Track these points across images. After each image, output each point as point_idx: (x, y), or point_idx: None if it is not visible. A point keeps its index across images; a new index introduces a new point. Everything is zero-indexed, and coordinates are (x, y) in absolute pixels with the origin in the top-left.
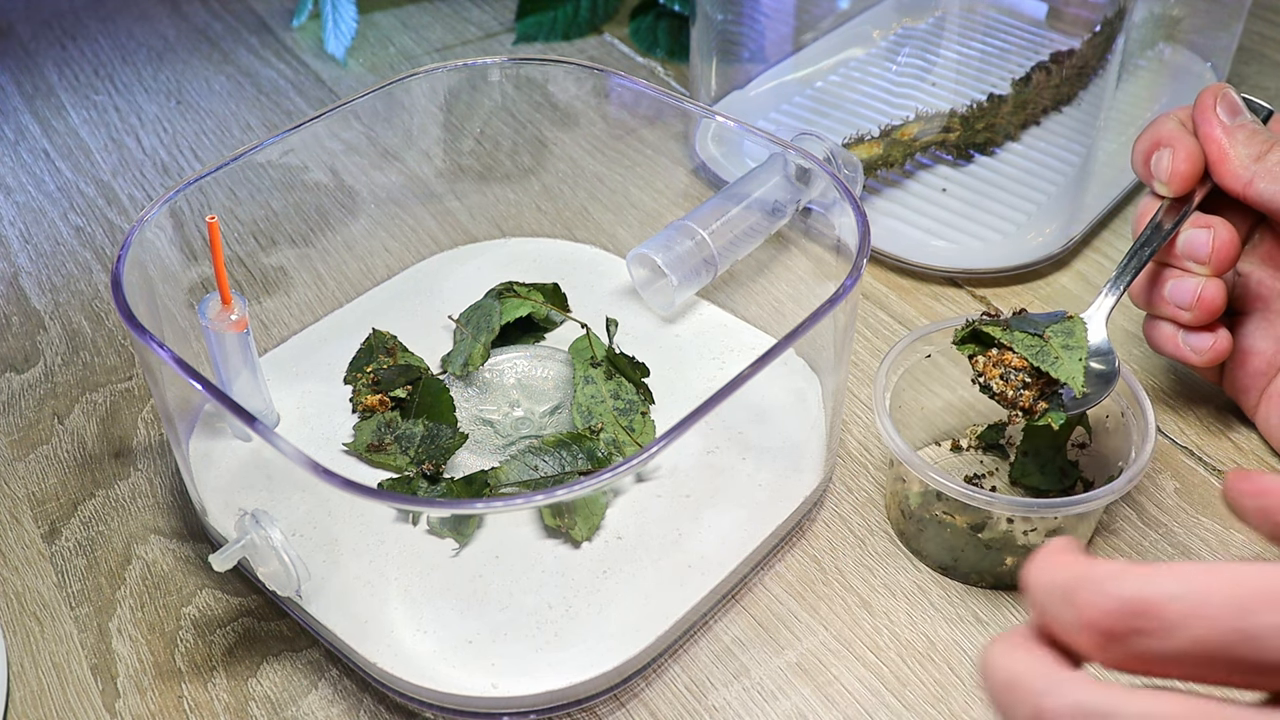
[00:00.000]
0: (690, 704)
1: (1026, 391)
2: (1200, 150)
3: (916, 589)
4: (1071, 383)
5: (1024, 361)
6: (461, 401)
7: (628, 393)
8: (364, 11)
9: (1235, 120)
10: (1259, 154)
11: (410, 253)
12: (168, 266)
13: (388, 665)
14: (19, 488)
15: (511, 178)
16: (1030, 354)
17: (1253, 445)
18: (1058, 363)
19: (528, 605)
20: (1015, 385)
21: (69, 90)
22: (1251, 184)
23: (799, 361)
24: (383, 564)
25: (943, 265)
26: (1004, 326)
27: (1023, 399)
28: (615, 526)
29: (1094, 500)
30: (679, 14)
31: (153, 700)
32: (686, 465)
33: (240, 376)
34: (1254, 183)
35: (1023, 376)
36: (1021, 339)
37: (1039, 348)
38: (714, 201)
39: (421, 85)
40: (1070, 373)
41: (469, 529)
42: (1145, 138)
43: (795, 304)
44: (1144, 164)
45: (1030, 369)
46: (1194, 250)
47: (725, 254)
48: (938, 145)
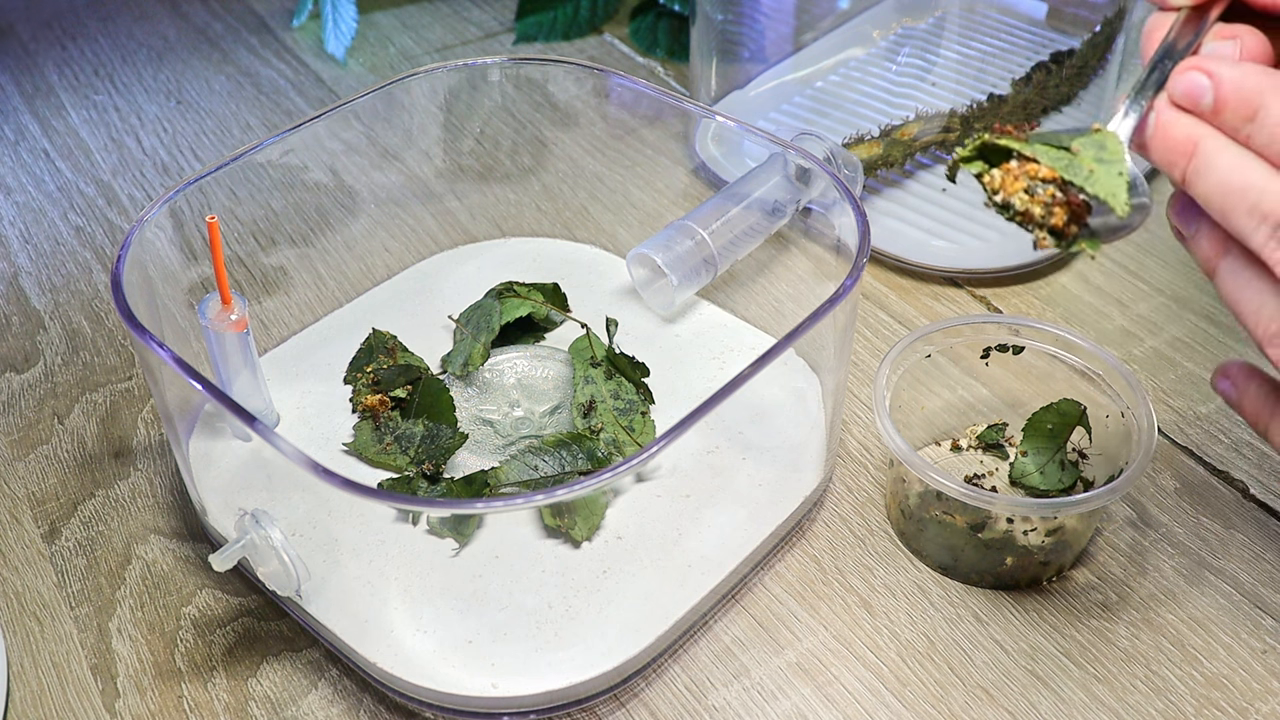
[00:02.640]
0: (690, 704)
1: (1059, 209)
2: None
3: (916, 589)
4: (1112, 200)
5: (1053, 173)
6: (461, 401)
7: (628, 393)
8: (364, 11)
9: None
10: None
11: (410, 253)
12: (168, 266)
13: (388, 665)
14: (19, 488)
15: (511, 178)
16: (1060, 166)
17: (1253, 445)
18: (1092, 176)
19: (528, 605)
20: (1044, 200)
21: (69, 90)
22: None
23: (799, 361)
24: (383, 564)
25: (943, 265)
26: (1022, 139)
27: (1055, 216)
28: (615, 526)
29: (1094, 500)
30: (679, 14)
31: (153, 700)
32: (686, 465)
33: (240, 376)
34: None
35: (1052, 190)
36: (1045, 151)
37: (1069, 160)
38: (714, 201)
39: (421, 85)
40: (1110, 188)
41: (469, 529)
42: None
43: (795, 304)
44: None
45: (1060, 183)
46: None
47: (725, 254)
48: (938, 145)
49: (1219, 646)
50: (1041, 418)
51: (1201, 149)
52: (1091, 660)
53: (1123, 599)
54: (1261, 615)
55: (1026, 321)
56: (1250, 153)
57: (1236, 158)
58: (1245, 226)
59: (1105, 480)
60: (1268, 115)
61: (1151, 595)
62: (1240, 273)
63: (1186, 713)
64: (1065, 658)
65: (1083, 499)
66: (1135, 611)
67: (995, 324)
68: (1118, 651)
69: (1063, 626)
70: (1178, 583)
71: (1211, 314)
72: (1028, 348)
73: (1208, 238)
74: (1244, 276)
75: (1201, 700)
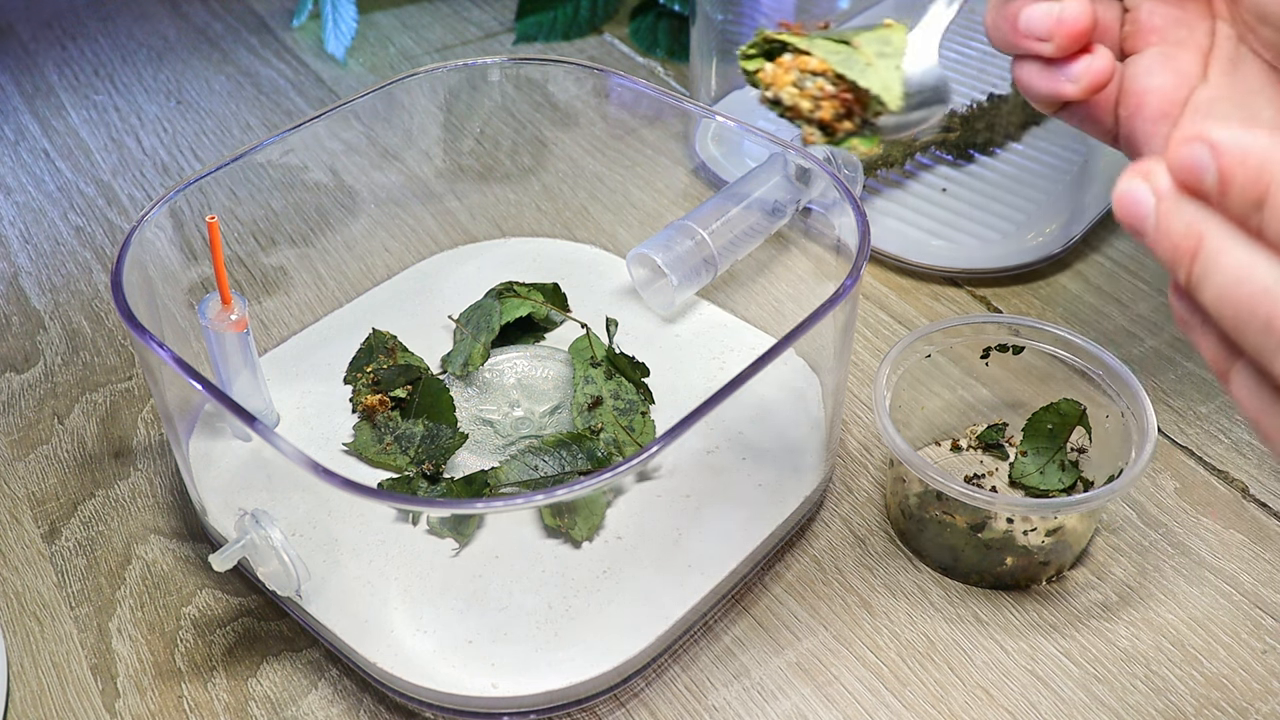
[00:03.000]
0: (690, 704)
1: (826, 102)
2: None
3: (916, 589)
4: (885, 93)
5: (825, 66)
6: (461, 401)
7: (628, 393)
8: (364, 11)
9: None
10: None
11: (410, 253)
12: (168, 266)
13: (388, 665)
14: (19, 488)
15: (511, 178)
16: (835, 59)
17: (1253, 445)
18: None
19: (528, 605)
20: (812, 94)
21: (69, 90)
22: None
23: (799, 361)
24: (383, 564)
25: (943, 265)
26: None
27: (823, 110)
28: (615, 526)
29: (1094, 500)
30: (679, 14)
31: (153, 700)
32: (686, 465)
33: (240, 376)
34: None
35: (821, 83)
36: (824, 45)
37: (846, 54)
38: (714, 201)
39: (421, 85)
40: (884, 82)
41: (469, 529)
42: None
43: (795, 304)
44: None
45: (833, 77)
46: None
47: (725, 254)
48: (938, 145)
49: (1219, 646)
50: (1041, 418)
51: (1205, 247)
52: (1091, 660)
53: (1123, 599)
54: (1261, 615)
55: (1026, 321)
56: (1263, 249)
57: (1246, 256)
58: (1262, 346)
59: (1105, 480)
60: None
61: (1151, 595)
62: (1258, 391)
63: (1186, 713)
64: (1065, 658)
65: (1083, 499)
66: (1135, 611)
67: (995, 324)
68: (1118, 651)
69: (1063, 626)
70: (1178, 583)
71: None
72: (1028, 348)
73: (1216, 342)
74: (1263, 397)
75: (1201, 700)
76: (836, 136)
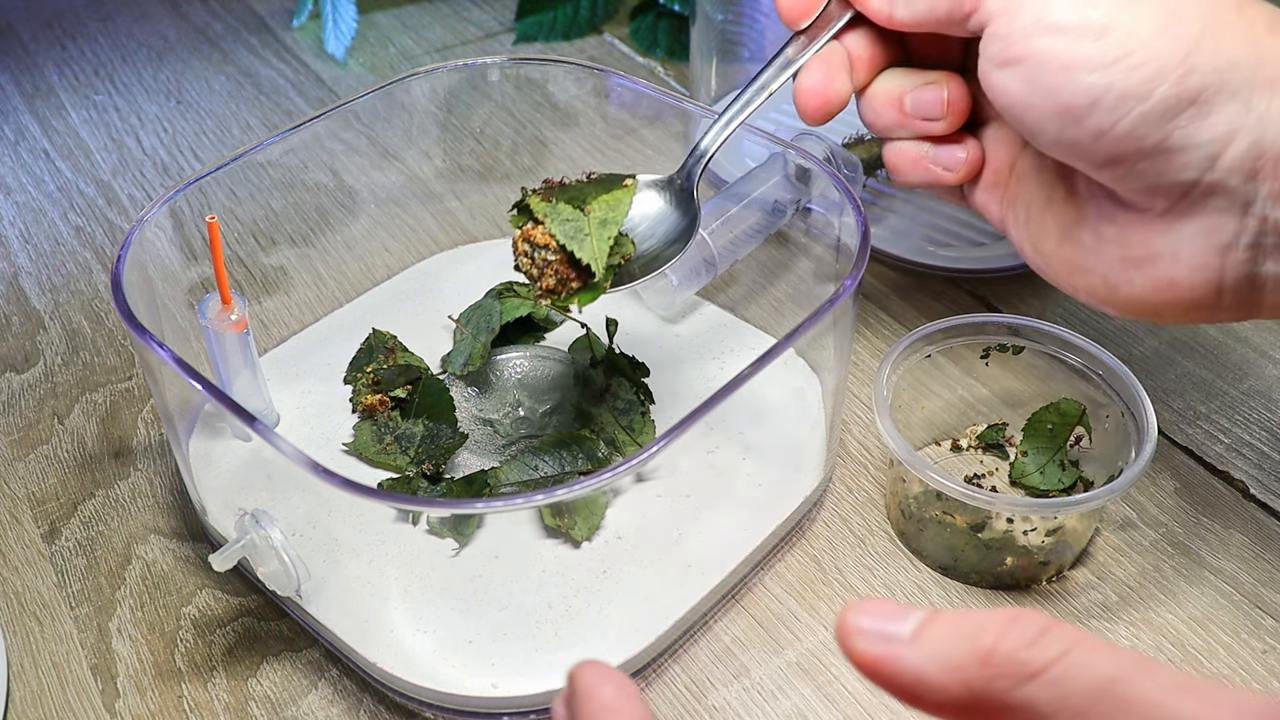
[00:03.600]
0: (690, 704)
1: (549, 269)
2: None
3: (916, 589)
4: (593, 265)
5: (549, 239)
6: (461, 401)
7: (627, 393)
8: (364, 11)
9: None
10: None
11: (410, 253)
12: (168, 266)
13: (388, 665)
14: (19, 488)
15: (511, 178)
16: (560, 230)
17: (1253, 445)
18: (586, 240)
19: (528, 605)
20: (539, 264)
21: (69, 90)
22: (893, 16)
23: (799, 361)
24: (383, 564)
25: (943, 265)
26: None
27: (545, 279)
28: (615, 526)
29: (1094, 500)
30: (679, 14)
31: (153, 700)
32: (686, 465)
33: (240, 376)
34: (894, 13)
35: (545, 255)
36: (561, 213)
37: (574, 223)
38: (714, 201)
39: (421, 85)
40: (593, 254)
41: (469, 529)
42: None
43: (795, 304)
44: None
45: (556, 247)
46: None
47: (725, 254)
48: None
49: (1219, 646)
50: (1041, 418)
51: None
52: None
53: (1123, 599)
54: (1261, 615)
55: (1026, 321)
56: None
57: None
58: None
59: (1105, 480)
60: None
61: (1151, 595)
62: None
63: None
64: None
65: (1083, 499)
66: (1135, 611)
67: (995, 324)
68: None
69: None
70: (1178, 583)
71: None
72: (1028, 348)
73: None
74: None
75: None
76: (560, 297)
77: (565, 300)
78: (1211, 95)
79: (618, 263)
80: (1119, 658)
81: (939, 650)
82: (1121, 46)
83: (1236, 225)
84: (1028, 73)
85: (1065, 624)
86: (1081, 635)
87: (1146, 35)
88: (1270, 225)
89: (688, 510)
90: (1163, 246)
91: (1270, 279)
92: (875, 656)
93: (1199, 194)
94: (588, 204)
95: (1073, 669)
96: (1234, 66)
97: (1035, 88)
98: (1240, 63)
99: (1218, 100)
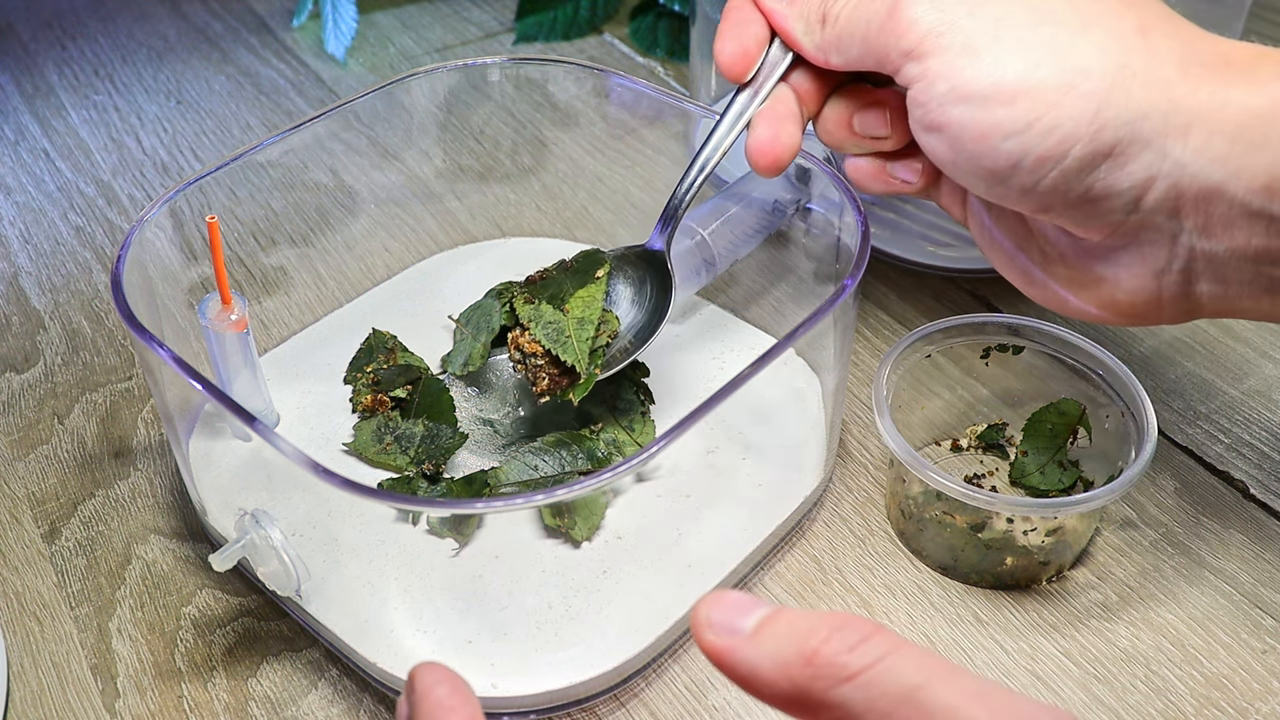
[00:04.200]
0: (690, 704)
1: (540, 373)
2: (757, 24)
3: (916, 589)
4: (577, 366)
5: (536, 346)
6: (461, 401)
7: (628, 393)
8: (364, 11)
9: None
10: (820, 17)
11: (410, 253)
12: (168, 266)
13: (388, 665)
14: (19, 488)
15: (511, 178)
16: (544, 335)
17: (1253, 445)
18: (569, 343)
19: (528, 605)
20: (531, 369)
21: (69, 90)
22: (828, 61)
23: (799, 361)
24: (383, 564)
25: (943, 265)
26: (535, 299)
27: (540, 383)
28: (615, 526)
29: (1094, 500)
30: (679, 14)
31: (153, 700)
32: (686, 465)
33: (240, 376)
34: (828, 59)
35: (535, 360)
36: (544, 315)
37: (555, 325)
38: (714, 201)
39: (421, 85)
40: (575, 355)
41: (469, 529)
42: None
43: (795, 304)
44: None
45: (542, 353)
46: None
47: (725, 254)
48: None
49: (1219, 646)
50: (1041, 418)
51: None
52: (1091, 660)
53: (1123, 599)
54: (1261, 615)
55: (1026, 321)
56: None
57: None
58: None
59: (1105, 480)
60: None
61: (1151, 595)
62: None
63: (1186, 713)
64: (1065, 658)
65: (1083, 499)
66: (1135, 611)
67: (995, 324)
68: (1118, 651)
69: (1063, 626)
70: (1178, 583)
71: None
72: (1028, 348)
73: None
74: None
75: (1201, 700)
76: (557, 396)
77: (562, 396)
78: (1125, 147)
79: (605, 343)
80: (927, 665)
81: (772, 648)
82: (1032, 112)
83: (1167, 253)
84: (949, 140)
85: (888, 632)
86: (899, 643)
87: (1055, 97)
88: (1199, 253)
89: (688, 510)
90: (1103, 272)
91: (1205, 295)
92: (718, 649)
93: (1129, 229)
94: (566, 303)
95: (883, 674)
96: (1145, 117)
97: (958, 153)
98: (1150, 113)
99: (1132, 150)
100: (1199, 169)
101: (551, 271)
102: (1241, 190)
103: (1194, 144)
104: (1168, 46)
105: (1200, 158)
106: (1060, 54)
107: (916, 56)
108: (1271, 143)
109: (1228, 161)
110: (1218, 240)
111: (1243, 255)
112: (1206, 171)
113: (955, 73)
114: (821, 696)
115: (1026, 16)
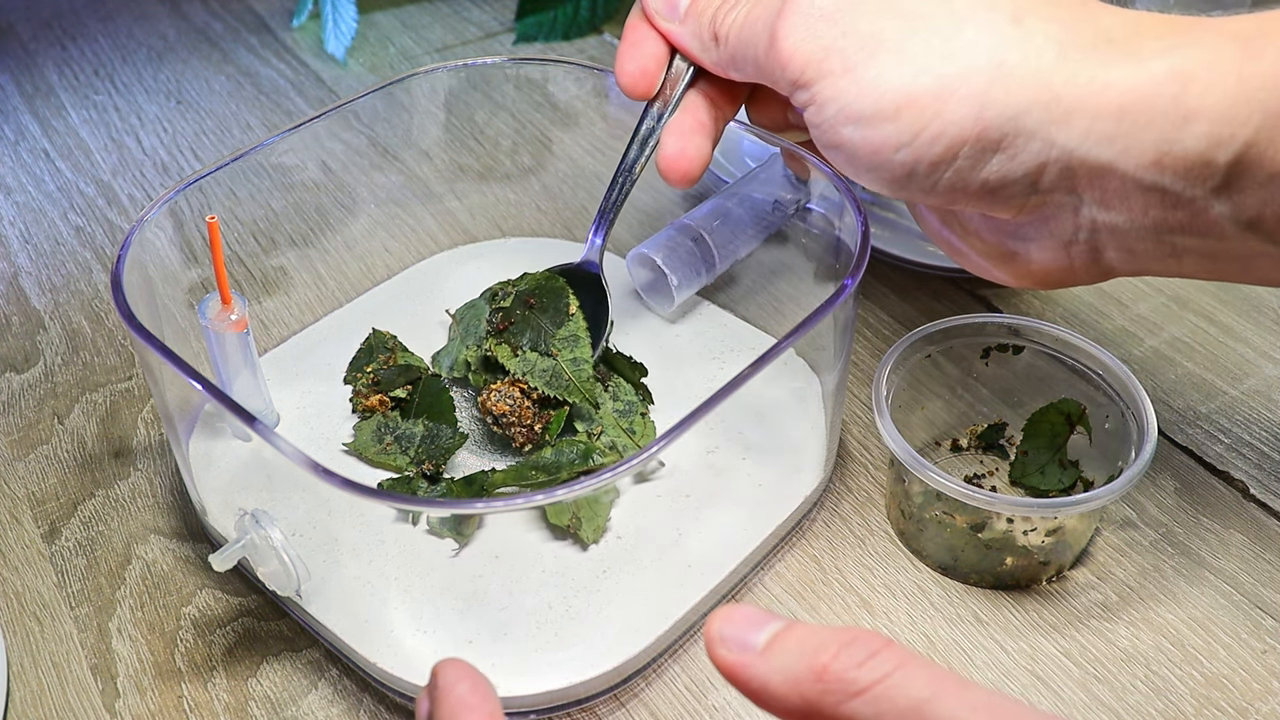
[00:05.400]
0: (690, 704)
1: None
2: (654, 41)
3: (916, 589)
4: (585, 404)
5: (504, 405)
6: (461, 401)
7: (627, 393)
8: (364, 11)
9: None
10: (712, 36)
11: (410, 253)
12: (168, 266)
13: (388, 665)
14: (19, 488)
15: (511, 178)
16: (544, 383)
17: (1253, 445)
18: (569, 385)
19: (528, 605)
20: (505, 426)
21: (69, 90)
22: (728, 73)
23: (799, 361)
24: (383, 564)
25: (943, 265)
26: (517, 348)
27: (517, 439)
28: (615, 526)
29: (1094, 500)
30: None
31: (153, 700)
32: (686, 465)
33: (240, 376)
34: (728, 72)
35: (507, 419)
36: (534, 363)
37: (550, 369)
38: (714, 201)
39: (421, 85)
40: (581, 395)
41: (469, 529)
42: None
43: (795, 304)
44: None
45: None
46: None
47: (725, 254)
48: None
49: (1219, 646)
50: (1041, 418)
51: None
52: (1091, 660)
53: (1123, 599)
54: (1261, 615)
55: (1026, 321)
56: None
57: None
58: None
59: (1105, 480)
60: None
61: (1151, 595)
62: None
63: (1186, 713)
64: (1065, 658)
65: (1083, 499)
66: (1135, 611)
67: (995, 324)
68: (1118, 651)
69: (1063, 626)
70: (1178, 583)
71: (1211, 314)
72: (1028, 348)
73: None
74: None
75: (1201, 700)
76: (542, 436)
77: (552, 433)
78: (1012, 140)
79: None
80: (935, 679)
81: (783, 664)
82: (917, 122)
83: (1072, 225)
84: (846, 156)
85: (897, 646)
86: (907, 658)
87: (936, 105)
88: (1101, 225)
89: (688, 510)
90: (1016, 247)
91: (1115, 261)
92: (731, 665)
93: (1033, 207)
94: (553, 347)
95: (892, 689)
96: (1027, 112)
97: (858, 167)
98: (1031, 107)
99: (1019, 142)
100: (1087, 151)
101: (516, 312)
102: (1131, 166)
103: (1078, 130)
104: (1045, 32)
105: (1086, 141)
106: (936, 60)
107: (802, 85)
108: (1156, 121)
109: (1115, 141)
110: (1116, 212)
111: (1142, 226)
112: (1095, 153)
113: (840, 95)
114: (832, 711)
115: (900, 26)
